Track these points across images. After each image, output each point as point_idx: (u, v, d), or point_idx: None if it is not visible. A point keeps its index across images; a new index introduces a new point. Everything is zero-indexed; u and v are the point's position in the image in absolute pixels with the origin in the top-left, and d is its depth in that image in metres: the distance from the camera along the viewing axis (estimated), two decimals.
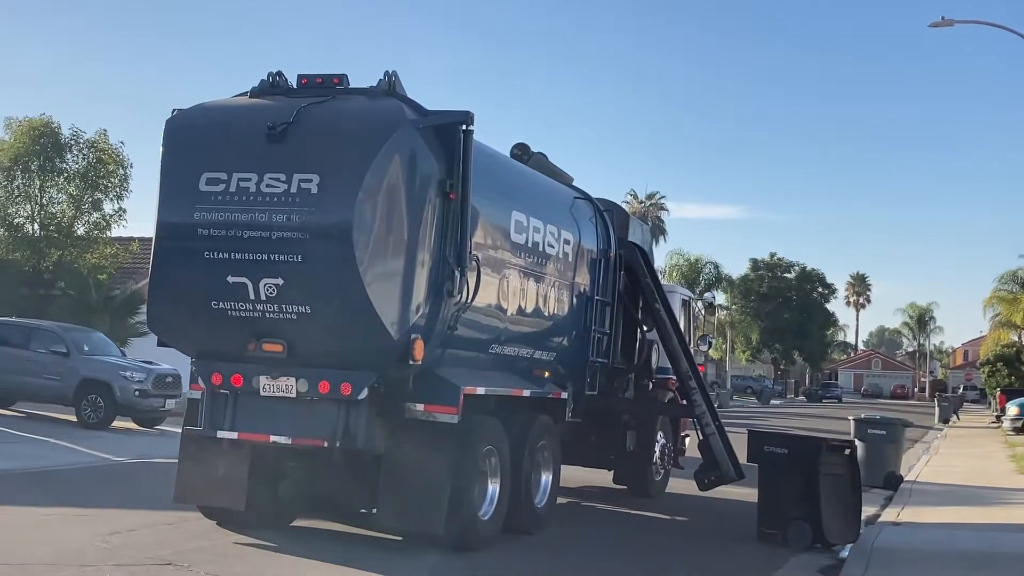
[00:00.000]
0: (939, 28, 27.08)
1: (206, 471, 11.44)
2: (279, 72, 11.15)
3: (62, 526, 11.75)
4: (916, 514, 15.78)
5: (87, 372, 23.64)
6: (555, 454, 13.34)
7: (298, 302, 10.10)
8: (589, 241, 14.42)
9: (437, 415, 10.84)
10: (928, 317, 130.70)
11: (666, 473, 17.39)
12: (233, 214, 10.19)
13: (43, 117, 31.50)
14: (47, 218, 31.63)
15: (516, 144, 14.88)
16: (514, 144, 14.76)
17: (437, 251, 10.56)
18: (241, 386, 10.67)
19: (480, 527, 11.39)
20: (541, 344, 13.29)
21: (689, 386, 15.45)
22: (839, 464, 13.34)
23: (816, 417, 50.26)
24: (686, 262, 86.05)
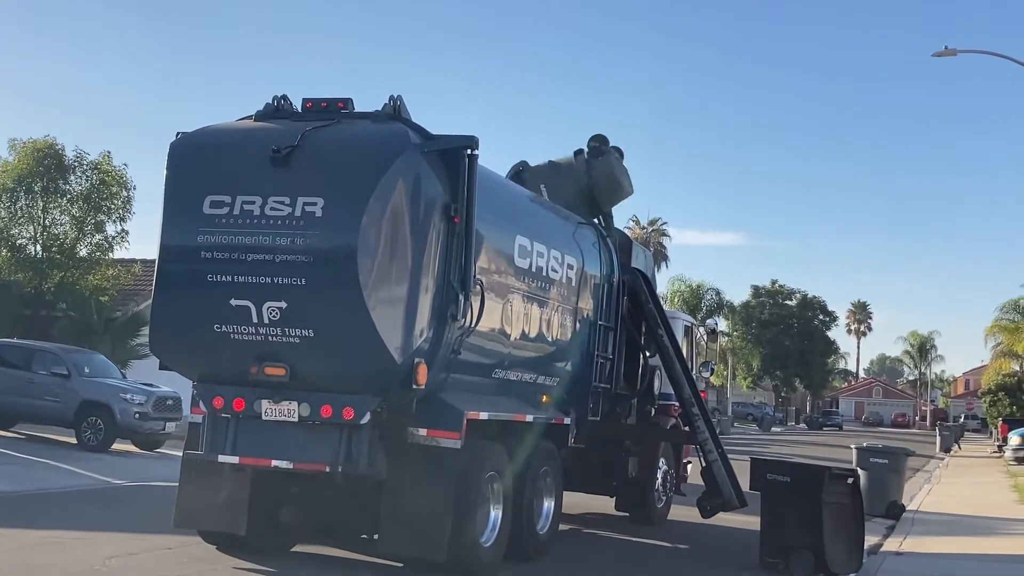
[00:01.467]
0: (943, 58, 27.14)
1: (207, 495, 11.38)
2: (284, 96, 11.16)
3: (61, 549, 11.69)
4: (919, 544, 15.70)
5: (87, 394, 23.57)
6: (557, 480, 13.27)
7: (301, 326, 10.06)
8: (592, 266, 14.41)
9: (440, 440, 10.78)
10: (929, 346, 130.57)
11: (668, 500, 17.32)
12: (237, 237, 10.17)
13: (47, 138, 31.53)
14: (49, 239, 31.61)
15: (594, 136, 15.20)
16: (592, 135, 15.24)
17: (441, 275, 10.53)
18: (243, 410, 10.61)
19: (482, 554, 11.31)
20: (544, 369, 13.25)
21: (692, 412, 15.39)
22: (842, 493, 13.27)
23: (817, 445, 50.09)
24: (688, 288, 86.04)
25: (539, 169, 15.49)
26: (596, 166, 15.39)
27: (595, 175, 15.42)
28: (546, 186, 14.91)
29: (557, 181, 15.14)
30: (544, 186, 14.88)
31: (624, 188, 15.71)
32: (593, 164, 15.41)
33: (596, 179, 15.42)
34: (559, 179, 15.21)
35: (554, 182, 15.08)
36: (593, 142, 15.32)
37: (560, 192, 14.92)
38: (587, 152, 15.47)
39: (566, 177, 15.29)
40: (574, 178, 15.34)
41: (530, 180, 15.04)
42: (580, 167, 15.44)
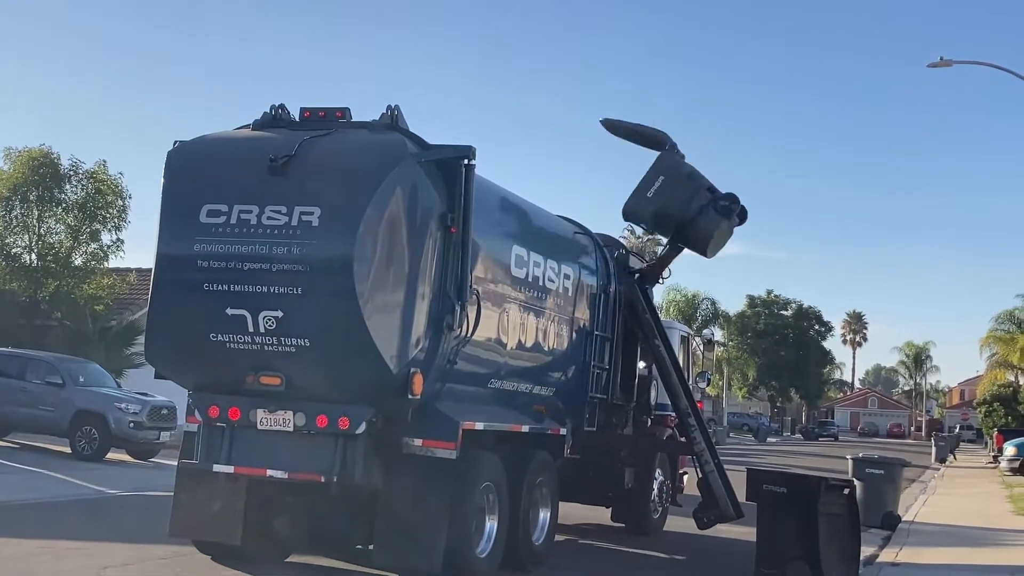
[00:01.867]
0: (938, 68, 27.19)
1: (202, 505, 11.35)
2: (281, 105, 11.16)
3: (56, 559, 11.64)
4: (914, 555, 15.67)
5: (82, 403, 23.52)
6: (553, 491, 13.24)
7: (297, 335, 10.04)
8: (589, 276, 14.40)
9: (435, 450, 10.76)
10: (925, 356, 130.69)
11: (664, 511, 17.29)
12: (233, 246, 10.16)
13: (42, 147, 31.50)
14: (45, 248, 31.57)
15: (732, 194, 15.07)
16: (731, 193, 15.05)
17: (437, 285, 10.53)
18: (238, 419, 10.59)
19: (477, 565, 11.27)
20: (540, 379, 13.24)
21: (688, 423, 15.37)
22: (838, 503, 13.24)
23: (813, 455, 50.11)
24: (683, 298, 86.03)
25: (678, 162, 15.18)
26: (711, 217, 14.97)
27: (702, 222, 15.00)
28: (666, 178, 14.72)
29: (676, 185, 14.87)
30: (664, 177, 14.70)
31: (707, 254, 15.42)
32: (710, 213, 15.00)
33: (700, 225, 15.02)
34: (679, 186, 14.92)
35: (674, 184, 14.83)
36: (728, 200, 15.00)
37: (668, 195, 14.74)
38: (715, 199, 15.02)
39: (683, 193, 14.91)
40: (685, 201, 14.94)
41: (669, 158, 14.93)
42: (699, 200, 15.01)
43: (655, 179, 14.68)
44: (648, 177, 14.81)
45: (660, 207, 14.81)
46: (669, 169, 14.97)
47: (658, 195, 14.76)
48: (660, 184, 14.74)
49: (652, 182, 14.71)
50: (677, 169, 15.13)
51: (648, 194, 14.70)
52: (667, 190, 14.84)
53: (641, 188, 14.85)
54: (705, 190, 15.07)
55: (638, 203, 14.91)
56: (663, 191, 14.79)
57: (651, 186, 14.77)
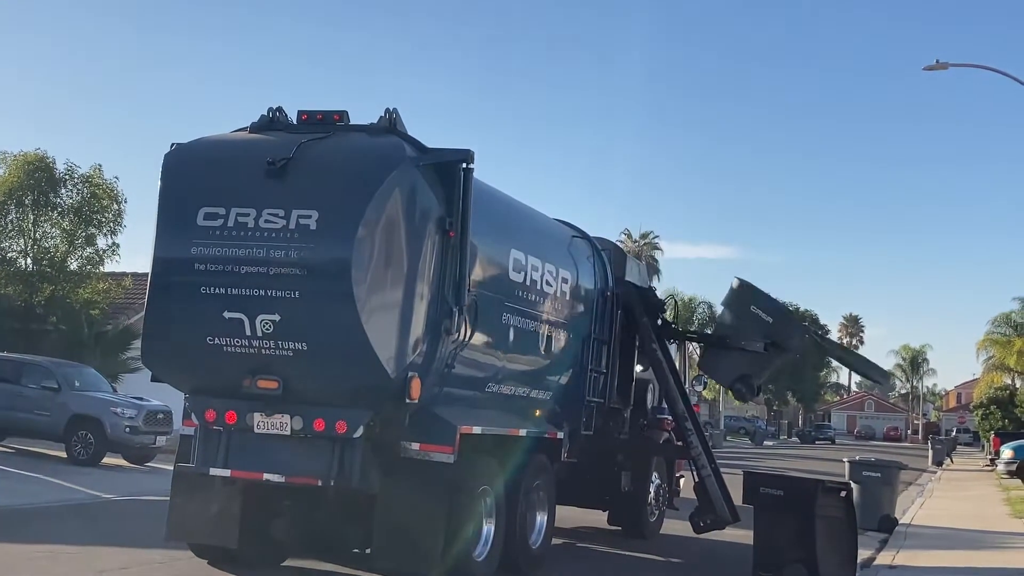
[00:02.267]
0: (934, 71, 27.23)
1: (198, 509, 11.33)
2: (279, 108, 11.14)
3: (52, 564, 11.62)
4: (911, 558, 15.68)
5: (78, 408, 23.47)
6: (550, 494, 13.23)
7: (294, 338, 10.02)
8: (587, 280, 14.40)
9: (433, 454, 10.75)
10: (921, 359, 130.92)
11: (661, 514, 17.28)
12: (231, 249, 10.13)
13: (37, 151, 31.43)
14: (40, 253, 31.51)
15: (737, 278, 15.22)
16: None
17: (435, 289, 10.51)
18: (235, 423, 10.57)
19: (475, 568, 11.27)
20: (538, 383, 13.24)
21: (685, 427, 15.37)
22: (835, 506, 13.24)
23: (810, 459, 50.10)
24: (680, 302, 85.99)
25: (762, 296, 15.28)
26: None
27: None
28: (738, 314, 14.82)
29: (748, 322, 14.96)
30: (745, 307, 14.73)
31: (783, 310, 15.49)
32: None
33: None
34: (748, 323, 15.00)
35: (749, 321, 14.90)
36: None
37: (740, 326, 14.75)
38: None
39: (751, 329, 14.90)
40: (751, 335, 14.98)
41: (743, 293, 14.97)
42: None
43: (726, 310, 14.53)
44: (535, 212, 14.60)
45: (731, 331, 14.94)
46: (755, 299, 15.12)
47: (737, 327, 14.84)
48: (734, 315, 14.75)
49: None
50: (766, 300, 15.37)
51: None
52: (747, 324, 14.92)
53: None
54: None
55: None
56: (744, 325, 14.83)
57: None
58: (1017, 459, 39.49)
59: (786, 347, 13.97)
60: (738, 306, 14.00)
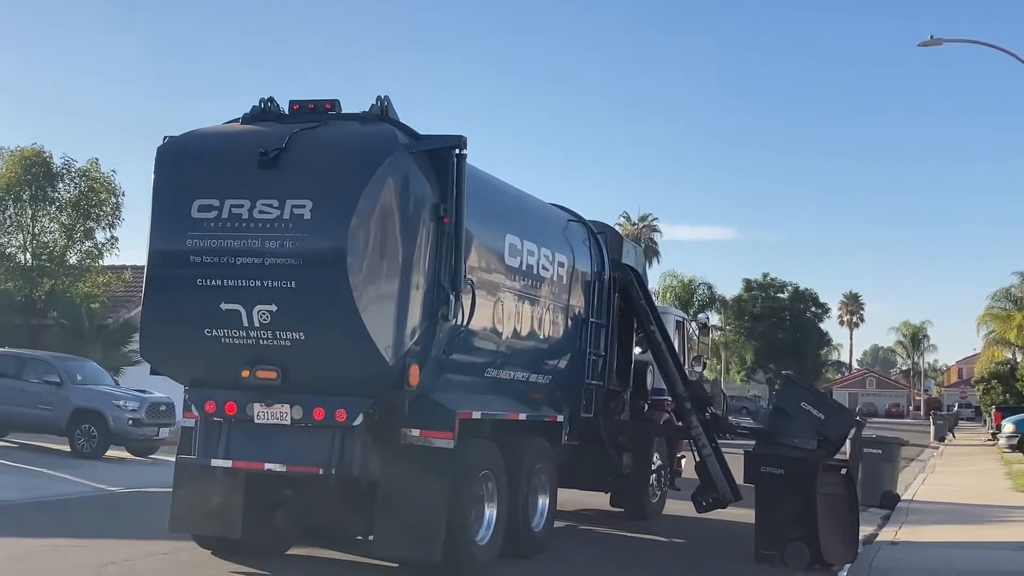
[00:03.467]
0: (929, 47, 27.18)
1: (201, 500, 11.38)
2: (271, 98, 11.13)
3: (57, 557, 11.67)
4: (914, 533, 15.74)
5: (80, 402, 23.51)
6: (552, 477, 13.27)
7: (292, 328, 10.05)
8: (583, 263, 14.41)
9: (433, 440, 10.79)
10: (922, 335, 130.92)
11: (663, 495, 17.34)
12: (226, 241, 10.16)
13: (34, 146, 31.46)
14: (39, 247, 31.56)
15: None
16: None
17: (432, 276, 10.53)
18: (235, 414, 10.60)
19: (477, 552, 11.32)
20: (536, 367, 13.26)
21: (685, 407, 15.41)
22: (836, 484, 13.29)
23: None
24: (680, 284, 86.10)
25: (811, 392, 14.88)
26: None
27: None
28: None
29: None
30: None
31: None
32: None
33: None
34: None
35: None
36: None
37: (791, 424, 14.15)
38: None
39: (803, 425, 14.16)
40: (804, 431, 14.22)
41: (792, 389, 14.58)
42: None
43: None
44: (531, 197, 14.42)
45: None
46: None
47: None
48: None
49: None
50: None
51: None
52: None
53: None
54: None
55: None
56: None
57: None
58: (1019, 433, 39.61)
59: (837, 441, 13.99)
60: (788, 403, 14.04)
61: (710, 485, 15.16)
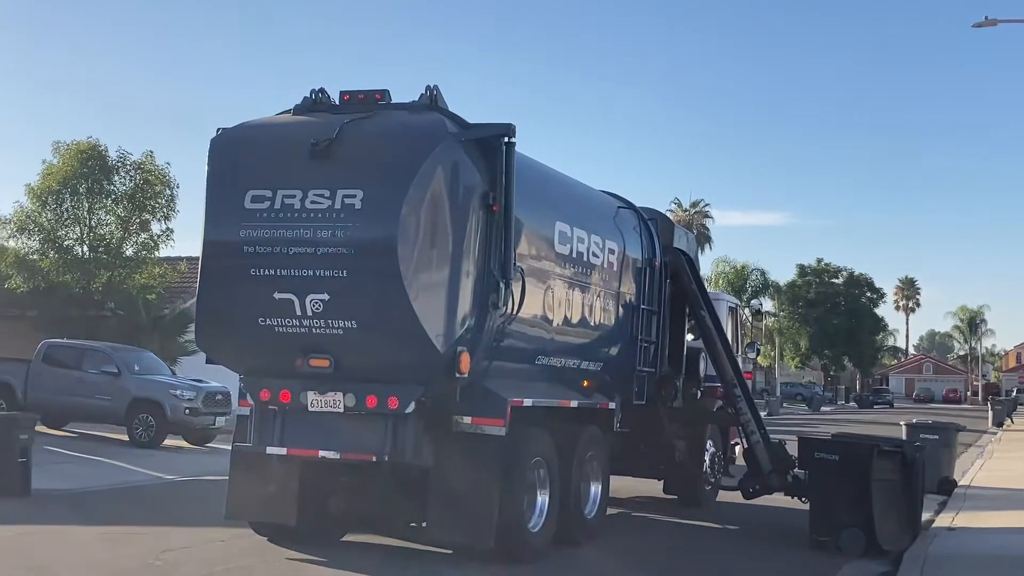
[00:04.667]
0: (984, 28, 26.80)
1: (257, 487, 11.52)
2: (322, 89, 11.22)
3: (116, 545, 11.85)
4: (971, 519, 15.55)
5: (138, 391, 23.89)
6: (604, 464, 13.29)
7: (344, 317, 10.14)
8: (634, 250, 14.38)
9: (485, 428, 10.84)
10: (979, 320, 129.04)
11: (716, 482, 17.26)
12: (278, 231, 10.27)
13: (90, 140, 31.82)
14: (96, 240, 31.92)
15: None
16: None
17: (482, 263, 10.58)
18: (289, 402, 10.73)
19: (530, 539, 11.36)
20: (587, 354, 13.26)
21: (734, 394, 15.34)
22: (892, 469, 13.16)
23: (868, 423, 49.71)
24: (732, 270, 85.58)
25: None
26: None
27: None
28: None
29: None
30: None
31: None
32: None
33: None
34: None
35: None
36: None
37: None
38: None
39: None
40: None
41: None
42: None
43: None
44: (581, 184, 14.19)
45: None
46: None
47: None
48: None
49: None
50: None
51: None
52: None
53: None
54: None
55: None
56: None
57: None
58: None
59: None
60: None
61: (758, 471, 15.09)
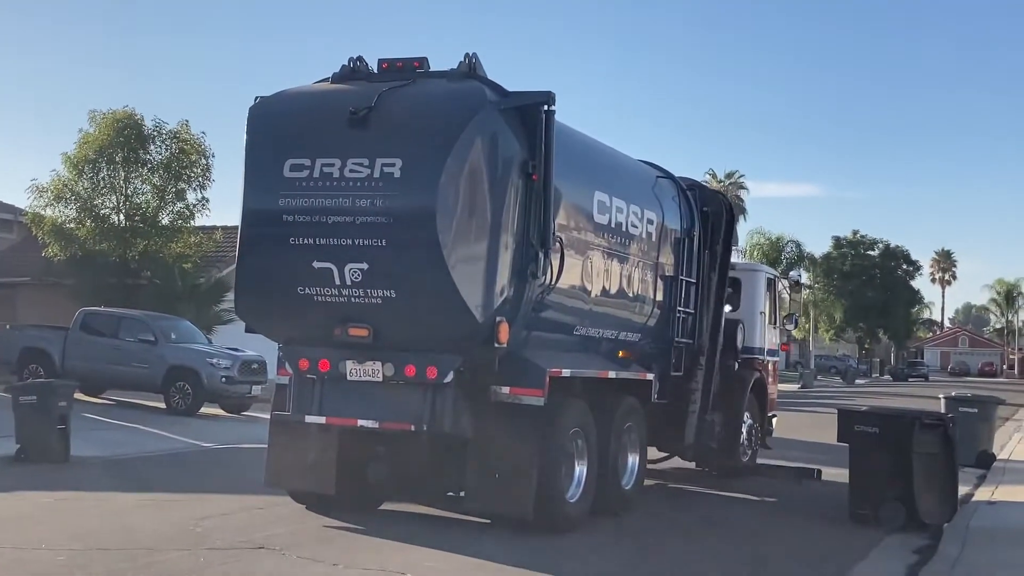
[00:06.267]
0: None
1: (295, 455, 11.57)
2: (360, 57, 11.17)
3: (156, 511, 11.97)
4: (1011, 493, 15.42)
5: (175, 360, 24.05)
6: (641, 435, 13.24)
7: (383, 286, 10.13)
8: (672, 220, 14.25)
9: (523, 398, 10.81)
10: (1016, 293, 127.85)
11: (754, 454, 17.18)
12: (317, 200, 10.25)
13: (126, 109, 31.83)
14: (132, 209, 31.99)
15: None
16: None
17: (520, 233, 10.52)
18: (328, 371, 10.74)
19: (568, 509, 11.35)
20: (625, 325, 13.20)
21: (698, 362, 14.80)
22: (933, 443, 13.01)
23: (903, 396, 49.41)
24: (767, 241, 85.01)
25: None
26: None
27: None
28: None
29: None
30: None
31: None
32: None
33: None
34: None
35: None
36: None
37: None
38: None
39: None
40: None
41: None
42: None
43: None
44: (620, 153, 13.86)
45: None
46: None
47: None
48: None
49: None
50: None
51: None
52: None
53: None
54: None
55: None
56: None
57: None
58: None
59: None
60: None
61: (681, 440, 14.81)
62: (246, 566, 9.31)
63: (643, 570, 10.29)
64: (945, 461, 13.03)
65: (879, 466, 12.94)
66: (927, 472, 12.79)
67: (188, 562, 9.34)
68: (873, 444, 13.02)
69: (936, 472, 12.90)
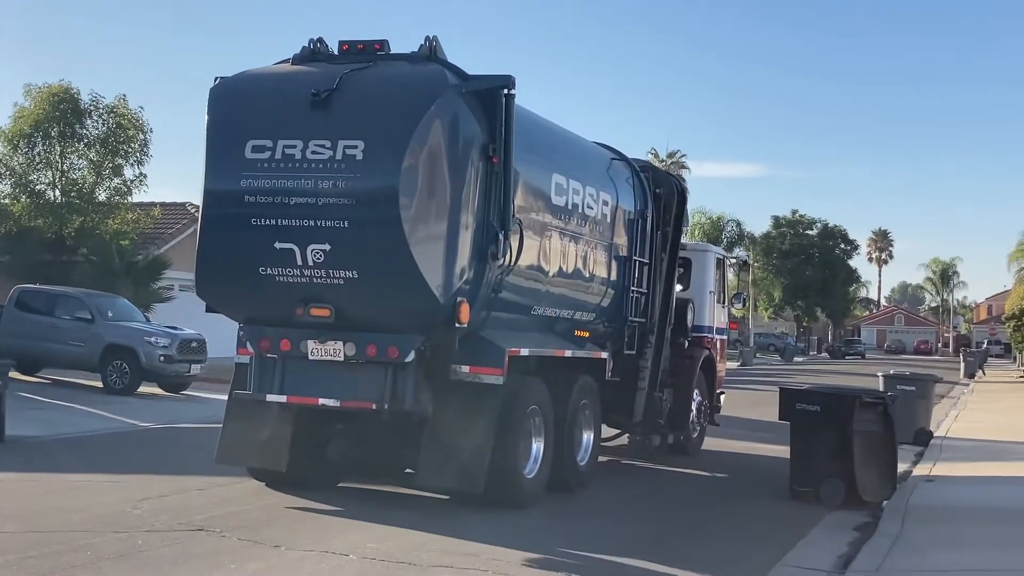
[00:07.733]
0: None
1: (250, 433, 11.63)
2: (320, 39, 11.17)
3: (93, 493, 11.73)
4: (949, 469, 15.79)
5: (112, 338, 23.52)
6: (596, 413, 13.45)
7: (345, 267, 10.18)
8: (627, 202, 14.42)
9: (483, 376, 10.95)
10: (951, 272, 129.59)
11: (702, 430, 17.45)
12: (279, 181, 10.26)
13: (62, 83, 31.26)
14: (68, 184, 31.43)
15: None
16: None
17: (481, 215, 10.62)
18: (289, 350, 10.78)
19: (525, 485, 11.53)
20: (581, 305, 13.36)
21: (648, 340, 15.00)
22: (873, 421, 13.22)
23: (841, 374, 50.14)
24: (708, 220, 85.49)
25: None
26: None
27: None
28: None
29: None
30: None
31: None
32: None
33: None
34: None
35: None
36: None
37: None
38: None
39: None
40: None
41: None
42: None
43: None
44: (576, 136, 13.98)
45: None
46: None
47: None
48: None
49: None
50: None
51: None
52: None
53: None
54: None
55: None
56: None
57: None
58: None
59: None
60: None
61: (630, 417, 14.93)
62: (184, 548, 9.15)
63: (591, 544, 10.11)
64: (885, 439, 13.25)
65: (820, 444, 13.12)
66: (867, 450, 12.99)
67: (125, 544, 9.15)
68: (814, 422, 13.22)
69: (876, 450, 13.11)
